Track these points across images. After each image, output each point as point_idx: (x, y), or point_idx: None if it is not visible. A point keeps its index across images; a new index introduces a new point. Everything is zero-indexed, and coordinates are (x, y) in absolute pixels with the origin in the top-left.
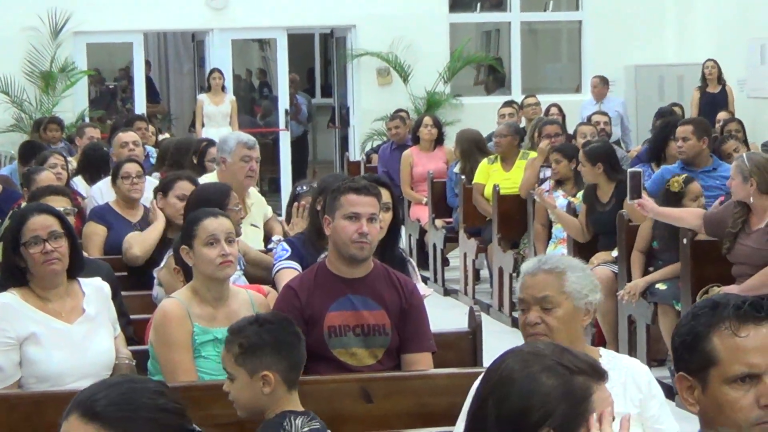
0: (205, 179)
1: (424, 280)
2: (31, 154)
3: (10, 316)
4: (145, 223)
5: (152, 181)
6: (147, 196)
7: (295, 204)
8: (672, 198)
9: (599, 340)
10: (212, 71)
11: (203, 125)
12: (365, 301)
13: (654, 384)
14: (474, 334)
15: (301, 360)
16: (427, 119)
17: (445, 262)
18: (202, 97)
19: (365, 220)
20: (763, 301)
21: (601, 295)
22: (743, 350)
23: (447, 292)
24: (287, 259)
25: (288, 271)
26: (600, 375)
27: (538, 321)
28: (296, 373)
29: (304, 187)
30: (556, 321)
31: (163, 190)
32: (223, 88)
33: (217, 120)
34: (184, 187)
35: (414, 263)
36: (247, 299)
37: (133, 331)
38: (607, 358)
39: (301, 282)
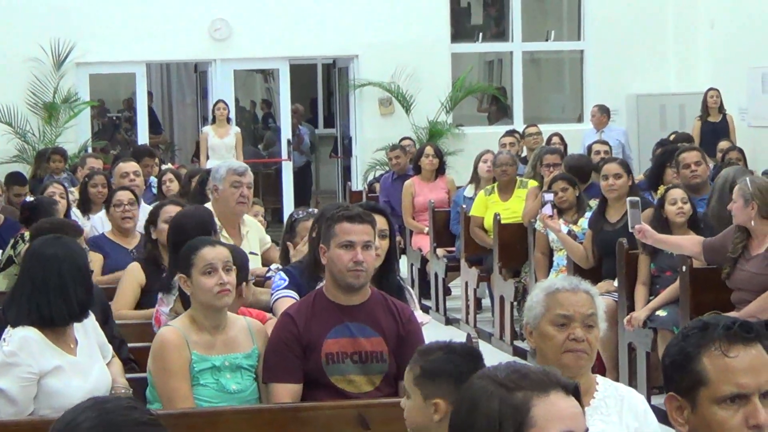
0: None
1: (426, 309)
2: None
3: (34, 350)
4: (141, 250)
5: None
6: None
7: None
8: (658, 216)
9: (599, 369)
10: (217, 102)
11: (207, 158)
12: (363, 329)
13: (650, 413)
14: None
15: None
16: (428, 149)
17: (447, 291)
18: (207, 129)
19: (360, 248)
20: (753, 322)
21: (606, 324)
22: (732, 371)
23: (449, 321)
24: (285, 288)
25: (286, 300)
26: (545, 387)
27: (584, 338)
28: None
29: (301, 213)
30: (594, 340)
31: (152, 221)
32: (228, 120)
33: (222, 153)
34: (171, 212)
35: (412, 290)
36: (245, 326)
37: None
38: (603, 386)
39: (299, 309)
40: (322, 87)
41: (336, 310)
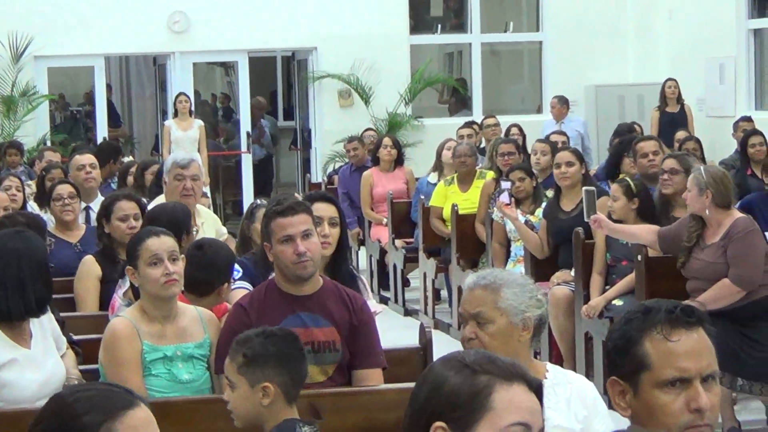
0: (158, 200)
1: (385, 300)
2: None
3: None
4: (86, 243)
5: None
6: None
7: None
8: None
9: (557, 358)
10: (178, 95)
11: (170, 152)
12: (315, 318)
13: (599, 401)
14: (424, 350)
15: (303, 375)
16: (386, 140)
17: (406, 282)
18: (170, 123)
19: (299, 238)
20: (694, 307)
21: (544, 311)
22: (674, 355)
23: (407, 312)
24: (239, 279)
25: (240, 291)
26: (510, 377)
27: (472, 336)
28: (297, 387)
29: (262, 201)
30: (489, 337)
31: (105, 215)
32: (191, 113)
33: (185, 146)
34: (124, 208)
35: (365, 280)
36: (196, 316)
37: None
38: (553, 373)
39: (252, 300)
40: (281, 79)
41: (288, 300)
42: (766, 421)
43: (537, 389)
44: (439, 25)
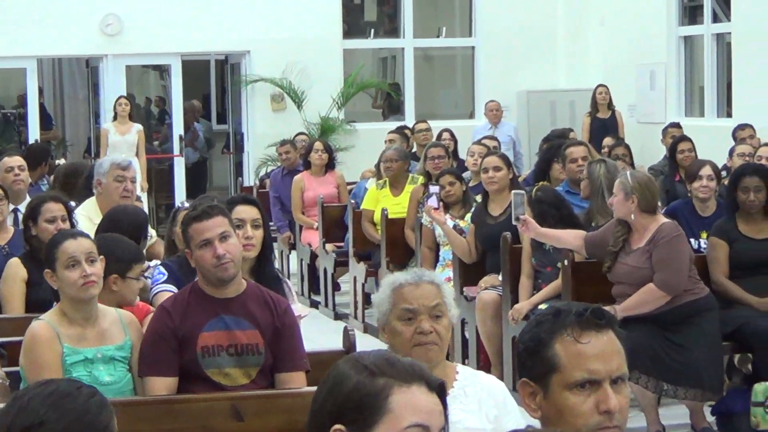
0: (87, 203)
1: (315, 304)
2: None
3: None
4: (14, 245)
5: None
6: None
7: None
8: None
9: (485, 362)
10: (118, 98)
11: (108, 155)
12: (238, 321)
13: (510, 400)
14: (348, 353)
15: None
16: (317, 144)
17: (336, 286)
18: (108, 126)
19: (217, 241)
20: (605, 309)
21: (456, 311)
22: (584, 357)
23: (338, 316)
24: (164, 282)
25: (165, 294)
26: (409, 378)
27: (431, 329)
28: None
29: (185, 204)
30: (444, 330)
31: (32, 217)
32: (130, 116)
33: (123, 150)
34: (51, 209)
35: (290, 283)
36: (117, 318)
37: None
38: (463, 374)
39: (175, 302)
40: (215, 83)
41: (211, 303)
42: (691, 426)
43: (438, 389)
44: (373, 30)
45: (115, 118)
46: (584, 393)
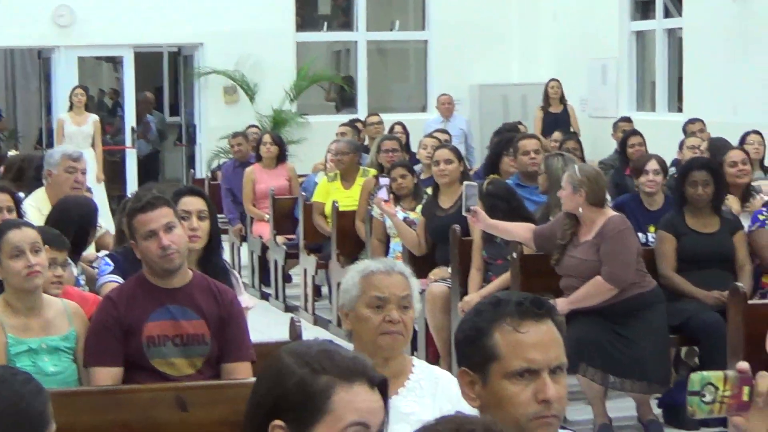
0: (37, 194)
1: (266, 296)
2: None
3: None
4: None
5: None
6: None
7: None
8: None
9: (434, 355)
10: (74, 89)
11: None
12: (184, 311)
13: None
14: None
15: None
16: (266, 137)
17: (287, 278)
18: (64, 117)
19: (162, 232)
20: (544, 299)
21: (420, 305)
22: (523, 346)
23: (288, 309)
24: (110, 272)
25: (111, 284)
26: (351, 377)
27: (399, 319)
28: None
29: (130, 196)
30: (410, 321)
31: None
32: (86, 107)
33: (78, 141)
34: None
35: (237, 274)
36: (62, 308)
37: None
38: (419, 368)
39: (120, 292)
40: (168, 75)
41: (157, 293)
42: (637, 418)
43: (380, 385)
44: (326, 23)
45: (71, 108)
46: (523, 382)
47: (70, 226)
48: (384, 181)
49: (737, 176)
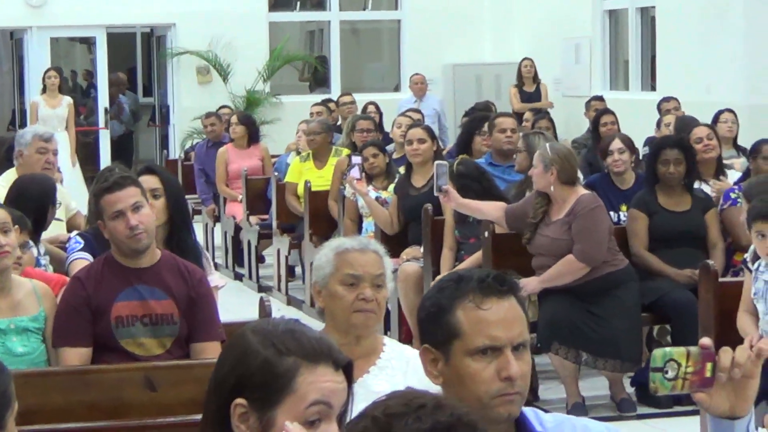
0: (8, 174)
1: (240, 276)
2: None
3: None
4: None
5: None
6: None
7: None
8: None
9: (407, 335)
10: (47, 71)
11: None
12: (152, 291)
13: None
14: None
15: None
16: (233, 117)
17: (260, 259)
18: (38, 99)
19: (130, 212)
20: (507, 275)
21: (393, 284)
22: (486, 323)
23: (261, 289)
24: (80, 251)
25: (80, 262)
26: (316, 358)
27: (373, 298)
28: None
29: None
30: (383, 300)
31: None
32: (60, 89)
33: (53, 123)
34: None
35: (207, 253)
36: (31, 289)
37: None
38: (390, 347)
39: (89, 272)
40: (141, 56)
41: (125, 273)
42: (610, 396)
43: (346, 367)
44: (299, 3)
45: (44, 90)
46: (486, 359)
47: (29, 205)
48: (356, 159)
49: (704, 152)
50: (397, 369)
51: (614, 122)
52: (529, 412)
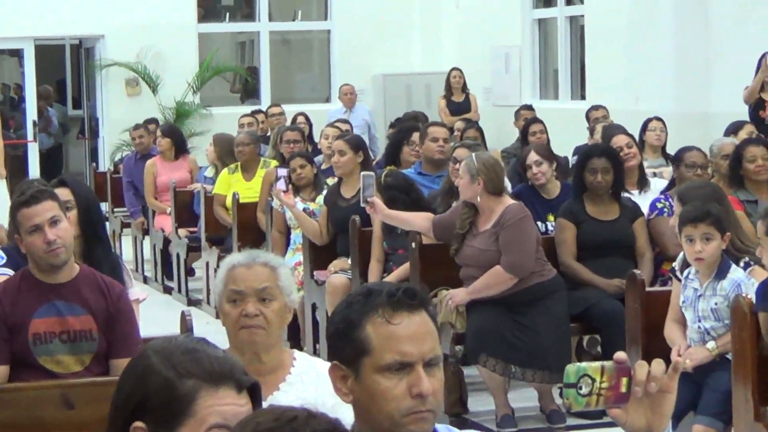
0: None
1: (169, 290)
2: None
3: None
4: None
5: None
6: None
7: None
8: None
9: None
10: None
11: None
12: (71, 307)
13: None
14: None
15: None
16: (158, 130)
17: (190, 271)
18: None
19: (47, 227)
20: (417, 289)
21: (298, 295)
22: (396, 338)
23: (191, 302)
24: (2, 266)
25: (2, 277)
26: (217, 380)
27: (257, 312)
28: None
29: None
30: (273, 314)
31: None
32: None
33: None
34: None
35: (128, 268)
36: None
37: None
38: (300, 361)
39: (5, 288)
40: (71, 67)
41: (43, 289)
42: (540, 408)
43: (251, 388)
44: (229, 14)
45: None
46: (396, 376)
47: None
48: (282, 171)
49: (625, 160)
50: (308, 383)
51: (543, 131)
52: (442, 429)
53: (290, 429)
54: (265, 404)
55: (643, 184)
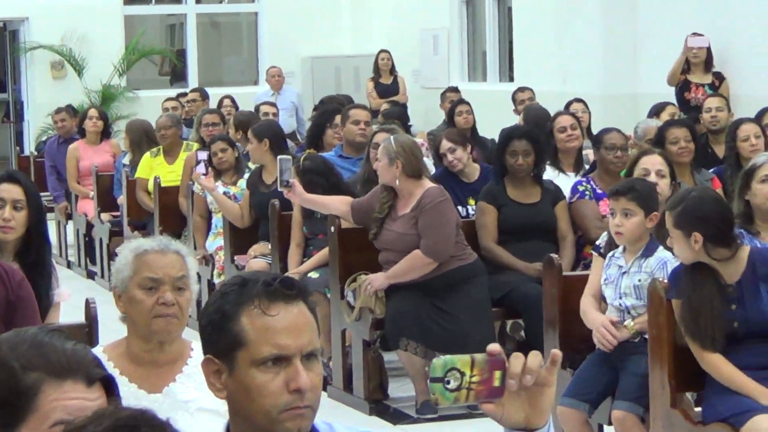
0: None
1: (92, 275)
2: None
3: None
4: None
5: None
6: None
7: None
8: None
9: None
10: None
11: None
12: None
13: None
14: (89, 327)
15: None
16: (92, 111)
17: (113, 256)
18: None
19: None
20: (295, 279)
21: (198, 287)
22: (272, 331)
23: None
24: None
25: None
26: (63, 374)
27: (174, 302)
28: None
29: None
30: (186, 303)
31: None
32: None
33: None
34: None
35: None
36: None
37: None
38: (198, 351)
39: None
40: None
41: None
42: None
43: (104, 381)
44: None
45: None
46: (273, 370)
47: None
48: (201, 155)
49: (567, 141)
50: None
51: (470, 112)
52: (321, 425)
53: (96, 423)
54: (160, 395)
55: (579, 167)
